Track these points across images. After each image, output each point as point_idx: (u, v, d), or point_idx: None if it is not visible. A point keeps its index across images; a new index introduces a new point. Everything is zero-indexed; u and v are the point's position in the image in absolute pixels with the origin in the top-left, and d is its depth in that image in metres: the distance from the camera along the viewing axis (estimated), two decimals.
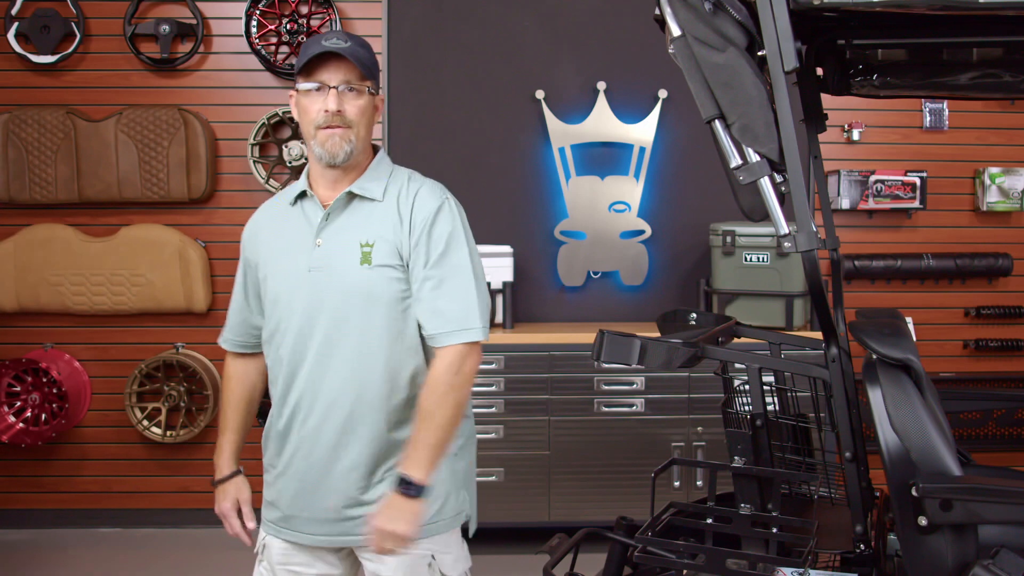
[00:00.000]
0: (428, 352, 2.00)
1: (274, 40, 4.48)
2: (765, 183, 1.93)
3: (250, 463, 2.23)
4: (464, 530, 2.11)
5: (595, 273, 4.64)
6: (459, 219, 2.02)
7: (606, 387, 4.17)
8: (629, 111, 4.58)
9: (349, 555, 2.10)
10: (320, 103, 1.95)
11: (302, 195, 2.06)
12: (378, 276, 1.95)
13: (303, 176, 2.08)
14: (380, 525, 1.87)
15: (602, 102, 4.56)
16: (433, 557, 1.99)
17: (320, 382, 1.99)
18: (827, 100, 2.52)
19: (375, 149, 2.09)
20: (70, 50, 4.47)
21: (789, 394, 2.39)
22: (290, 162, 4.44)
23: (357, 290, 1.95)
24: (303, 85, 1.98)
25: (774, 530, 1.99)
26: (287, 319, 2.01)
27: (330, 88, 1.95)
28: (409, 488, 1.88)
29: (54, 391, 4.38)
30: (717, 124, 1.96)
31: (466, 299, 1.95)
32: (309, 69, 1.96)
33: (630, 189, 4.60)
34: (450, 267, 1.96)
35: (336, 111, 1.94)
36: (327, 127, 1.95)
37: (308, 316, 1.98)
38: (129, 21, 4.46)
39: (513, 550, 4.11)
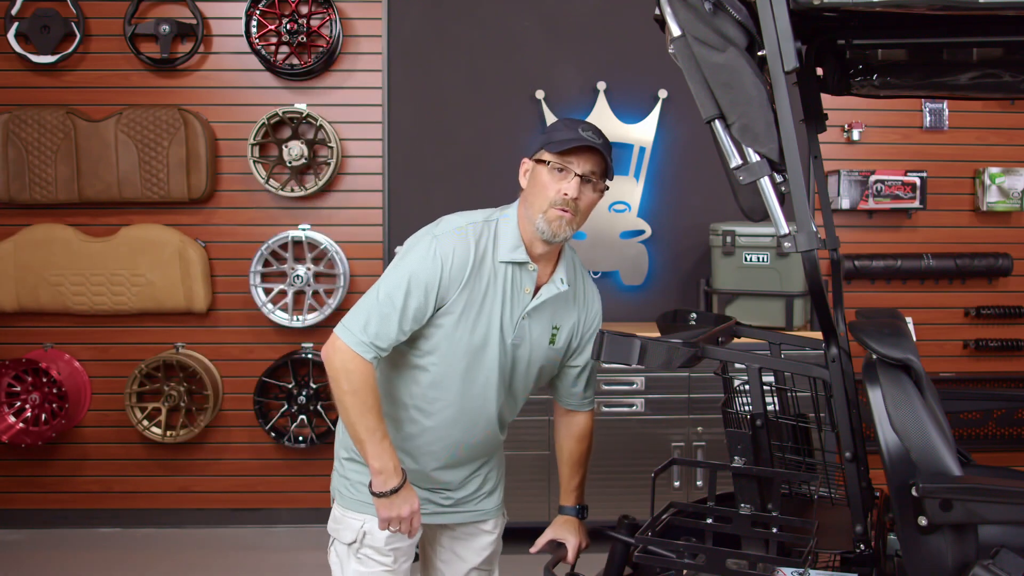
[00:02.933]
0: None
1: (274, 40, 4.48)
2: (765, 183, 1.93)
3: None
4: None
5: (595, 273, 4.64)
6: None
7: (606, 387, 4.17)
8: (629, 111, 4.58)
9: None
10: (562, 185, 2.11)
11: (522, 264, 2.19)
12: (556, 354, 2.30)
13: (515, 236, 2.19)
14: (579, 541, 2.36)
15: (602, 102, 4.56)
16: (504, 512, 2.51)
17: (483, 417, 2.25)
18: (827, 100, 2.52)
19: None
20: (70, 50, 4.47)
21: (789, 394, 2.39)
22: (290, 162, 4.44)
23: (541, 361, 2.27)
24: (553, 162, 2.12)
25: (774, 530, 1.99)
26: (477, 368, 2.20)
27: (575, 175, 2.11)
28: (585, 512, 2.43)
29: (54, 391, 4.38)
30: (717, 124, 1.96)
31: None
32: (562, 151, 2.11)
33: (630, 189, 4.60)
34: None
35: (575, 198, 2.11)
36: (561, 209, 2.11)
37: (500, 368, 2.21)
38: (129, 21, 4.46)
39: (513, 550, 4.11)
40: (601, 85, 4.56)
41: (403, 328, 2.11)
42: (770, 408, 2.23)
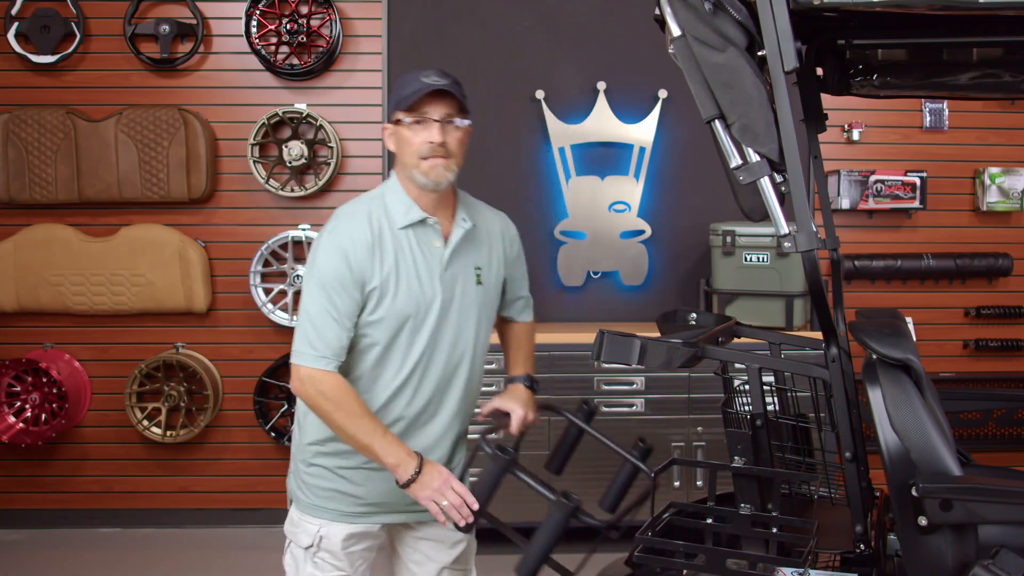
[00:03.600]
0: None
1: (274, 40, 4.48)
2: (765, 183, 1.93)
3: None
4: None
5: (595, 273, 4.64)
6: None
7: (606, 387, 4.17)
8: (629, 111, 4.58)
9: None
10: (424, 135, 2.14)
11: (420, 222, 2.20)
12: (486, 293, 2.30)
13: (407, 200, 2.20)
14: (525, 413, 2.31)
15: (602, 102, 4.56)
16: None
17: (443, 391, 2.25)
18: (827, 100, 2.52)
19: None
20: (70, 50, 4.47)
21: (789, 394, 2.40)
22: (290, 162, 4.44)
23: (476, 305, 2.27)
24: (407, 118, 2.15)
25: (774, 530, 1.99)
26: (414, 335, 2.20)
27: (433, 121, 2.14)
28: (535, 384, 2.39)
29: (54, 391, 4.38)
30: (717, 124, 1.96)
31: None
32: (412, 104, 2.13)
33: (630, 189, 4.60)
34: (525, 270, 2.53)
35: (440, 143, 2.13)
36: (430, 157, 2.14)
37: (437, 331, 2.21)
38: (129, 21, 4.46)
39: (513, 550, 4.11)
40: (601, 85, 4.56)
41: (345, 327, 2.14)
42: (770, 408, 2.23)
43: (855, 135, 4.64)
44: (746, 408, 2.24)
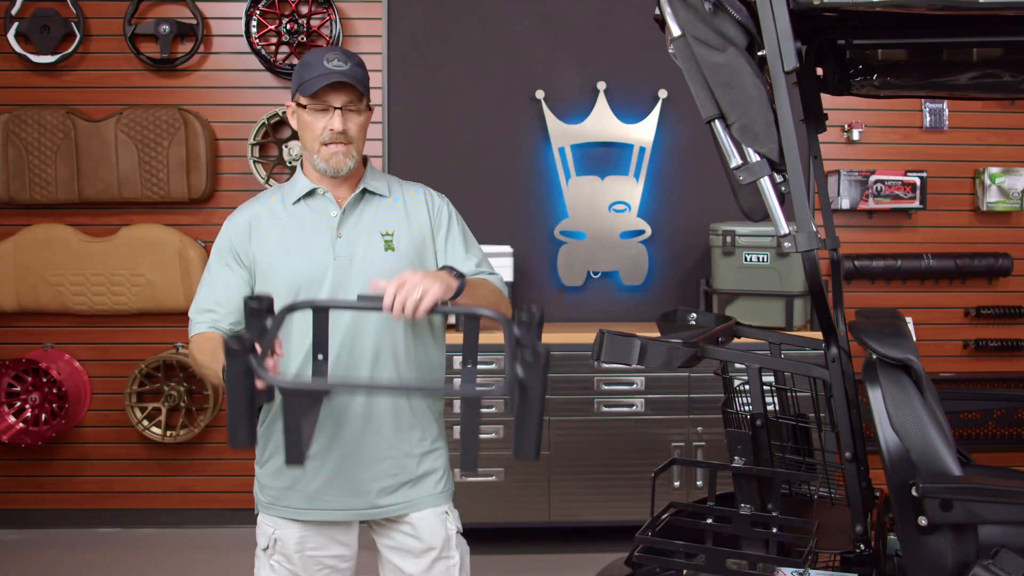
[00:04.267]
0: (439, 329, 2.30)
1: (274, 40, 4.48)
2: (765, 183, 1.93)
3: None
4: None
5: (595, 273, 4.64)
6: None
7: (606, 387, 4.17)
8: (629, 111, 4.58)
9: (362, 532, 2.29)
10: (324, 121, 2.15)
11: (310, 193, 2.23)
12: (402, 260, 2.19)
13: (302, 178, 2.26)
14: (404, 277, 1.85)
15: (602, 102, 4.56)
16: (447, 512, 2.30)
17: (352, 365, 2.16)
18: (827, 100, 2.52)
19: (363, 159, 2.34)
20: (70, 50, 4.47)
21: (789, 394, 2.40)
22: (290, 162, 4.44)
23: (386, 271, 2.09)
24: (310, 104, 2.15)
25: (774, 530, 1.99)
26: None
27: (334, 109, 2.15)
28: (453, 272, 2.06)
29: (54, 391, 4.38)
30: (717, 124, 1.96)
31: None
32: (314, 92, 2.12)
33: (630, 189, 4.60)
34: (469, 239, 2.35)
35: (341, 130, 2.16)
36: (331, 143, 2.16)
37: (336, 298, 2.16)
38: (129, 21, 4.46)
39: (513, 550, 4.12)
40: (601, 85, 4.56)
41: (215, 292, 2.20)
42: (770, 408, 2.24)
43: (855, 135, 4.64)
44: (746, 408, 2.25)
